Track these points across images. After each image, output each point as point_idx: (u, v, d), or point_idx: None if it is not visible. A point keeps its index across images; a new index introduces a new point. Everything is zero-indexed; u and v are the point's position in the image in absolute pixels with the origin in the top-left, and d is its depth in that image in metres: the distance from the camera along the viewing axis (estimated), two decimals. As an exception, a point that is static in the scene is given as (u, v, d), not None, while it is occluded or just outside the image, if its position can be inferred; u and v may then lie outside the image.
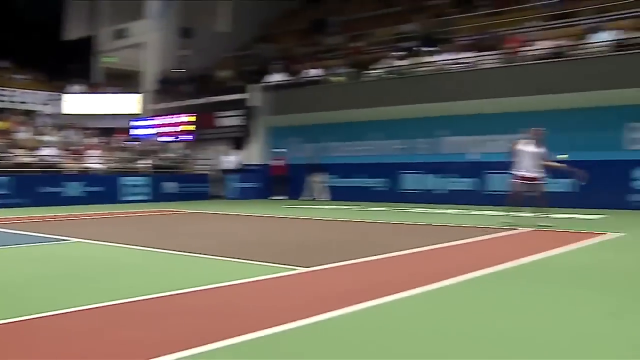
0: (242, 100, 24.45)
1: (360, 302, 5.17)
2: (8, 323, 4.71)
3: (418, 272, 6.96)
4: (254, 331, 4.28)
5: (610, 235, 10.26)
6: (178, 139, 25.96)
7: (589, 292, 5.77)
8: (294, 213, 16.25)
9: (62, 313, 4.98)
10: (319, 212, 16.31)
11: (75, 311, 5.03)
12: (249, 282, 6.31)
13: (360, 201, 20.18)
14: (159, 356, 3.72)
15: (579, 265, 7.29)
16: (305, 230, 12.45)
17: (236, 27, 30.18)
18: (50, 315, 4.93)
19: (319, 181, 22.10)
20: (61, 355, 3.95)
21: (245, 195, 23.19)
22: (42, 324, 4.75)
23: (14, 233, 11.63)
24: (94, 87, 29.41)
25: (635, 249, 9.03)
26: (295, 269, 6.99)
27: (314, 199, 21.80)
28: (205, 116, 25.48)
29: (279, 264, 7.33)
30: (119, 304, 5.30)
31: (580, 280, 6.37)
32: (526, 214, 12.06)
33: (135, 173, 22.60)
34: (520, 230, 11.14)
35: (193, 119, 25.86)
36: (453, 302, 5.31)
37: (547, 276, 6.56)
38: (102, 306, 5.20)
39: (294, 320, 4.57)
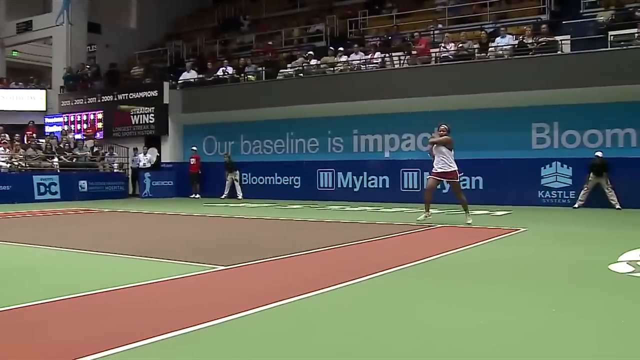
0: (154, 98, 24.26)
1: (280, 299, 5.22)
2: None
3: (333, 270, 7.03)
4: (174, 330, 4.27)
5: (515, 231, 10.81)
6: (90, 136, 25.49)
7: (490, 285, 6.06)
8: (212, 211, 16.33)
9: None
10: (237, 211, 16.46)
11: None
12: (168, 280, 6.26)
13: (277, 199, 20.43)
14: (80, 357, 3.67)
15: (481, 261, 7.58)
16: (224, 229, 12.44)
17: (145, 25, 29.97)
18: None
19: (235, 179, 22.27)
20: None
21: (160, 193, 23.07)
22: None
23: None
24: (-1, 82, 28.49)
25: (535, 243, 9.48)
26: (215, 267, 6.96)
27: (232, 197, 21.94)
28: (116, 113, 25.10)
29: (199, 262, 7.29)
30: (35, 305, 5.18)
31: (481, 275, 6.63)
32: (436, 210, 12.70)
33: (46, 171, 22.02)
34: (433, 227, 11.57)
35: (104, 116, 25.52)
36: (366, 299, 5.42)
37: (451, 272, 6.79)
38: (17, 308, 5.08)
39: (215, 319, 4.58)
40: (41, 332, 4.41)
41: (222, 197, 22.02)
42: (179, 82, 24.39)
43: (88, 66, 27.89)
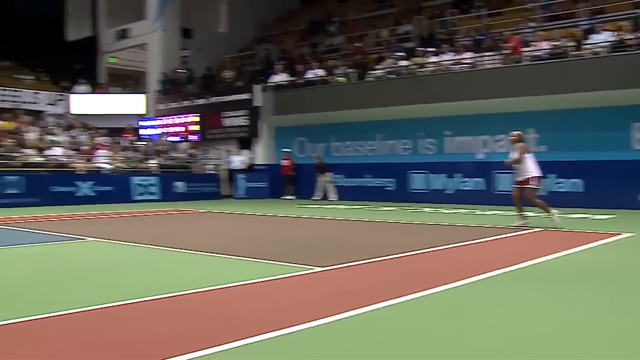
0: (246, 101, 24.79)
1: (375, 302, 5.26)
2: (16, 322, 4.79)
3: (430, 273, 7.06)
4: (267, 331, 4.36)
5: (621, 236, 10.42)
6: (185, 139, 26.34)
7: (600, 293, 5.91)
8: (306, 213, 16.56)
9: (73, 312, 5.08)
10: (330, 212, 16.63)
11: (89, 310, 5.15)
12: (263, 281, 6.38)
13: (369, 201, 20.49)
14: (173, 356, 3.81)
15: (591, 266, 7.37)
16: (317, 230, 12.62)
17: (236, 28, 30.56)
18: (61, 315, 5.02)
19: (327, 181, 22.47)
20: (67, 355, 4.00)
21: (253, 194, 23.50)
22: (50, 323, 4.83)
23: (27, 231, 11.89)
24: (99, 87, 29.78)
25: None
26: (311, 269, 7.07)
27: (324, 199, 22.14)
28: (211, 116, 25.86)
29: (294, 263, 7.43)
30: (133, 303, 5.43)
31: (592, 281, 6.45)
32: (533, 214, 12.53)
33: (144, 172, 22.93)
34: (532, 230, 11.41)
35: (198, 119, 26.28)
36: (464, 304, 5.40)
37: (557, 277, 6.62)
38: (116, 305, 5.34)
39: (309, 320, 4.65)
40: (131, 329, 4.63)
41: (314, 198, 22.27)
42: (270, 84, 24.84)
43: (182, 70, 28.79)
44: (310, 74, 24.05)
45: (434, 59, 21.25)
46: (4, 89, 27.44)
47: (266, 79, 25.22)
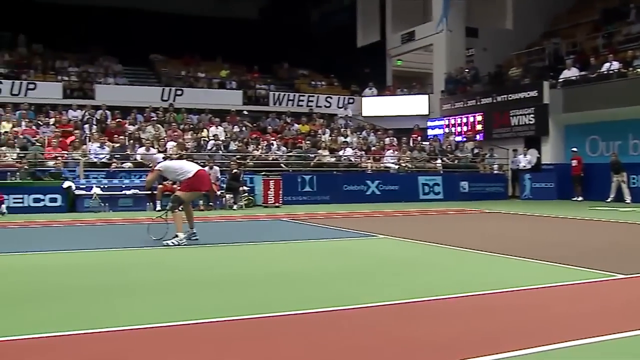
0: (533, 98, 24.07)
1: None
2: (315, 312, 5.13)
3: None
4: (570, 339, 4.19)
5: None
6: (470, 138, 26.32)
7: None
8: (598, 215, 15.56)
9: (362, 307, 5.32)
10: (626, 216, 15.44)
11: (384, 305, 5.34)
12: (561, 286, 6.22)
13: (670, 204, 18.73)
14: (478, 356, 3.77)
15: None
16: (613, 234, 11.91)
17: (521, 24, 29.83)
18: (354, 308, 5.30)
19: (622, 181, 20.87)
20: (374, 347, 4.17)
21: (540, 195, 22.64)
22: (348, 315, 5.10)
23: (324, 227, 12.81)
24: (386, 90, 31.01)
25: None
26: (613, 275, 6.73)
27: (618, 201, 20.67)
28: (496, 115, 25.56)
29: (592, 269, 7.12)
30: (429, 300, 5.55)
31: None
32: None
33: (429, 172, 23.39)
34: None
35: (482, 118, 26.08)
36: None
37: None
38: (413, 302, 5.47)
39: (620, 331, 4.42)
40: (423, 327, 4.71)
41: (608, 200, 20.83)
42: (559, 80, 23.81)
43: (467, 70, 28.80)
44: (604, 67, 22.58)
45: None
46: (302, 95, 29.87)
47: (555, 75, 24.20)
